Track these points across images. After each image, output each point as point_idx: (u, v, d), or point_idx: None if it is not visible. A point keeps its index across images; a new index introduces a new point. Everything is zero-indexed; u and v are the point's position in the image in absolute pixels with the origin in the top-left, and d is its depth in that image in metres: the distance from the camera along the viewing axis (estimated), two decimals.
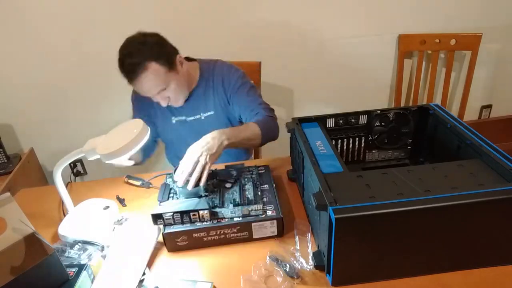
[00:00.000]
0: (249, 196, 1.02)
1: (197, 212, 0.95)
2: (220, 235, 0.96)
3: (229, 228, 0.95)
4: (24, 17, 1.70)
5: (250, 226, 0.96)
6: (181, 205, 0.97)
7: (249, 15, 1.85)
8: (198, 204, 0.97)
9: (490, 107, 2.39)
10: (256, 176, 1.11)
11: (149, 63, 1.12)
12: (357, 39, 2.01)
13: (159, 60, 1.14)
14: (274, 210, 0.98)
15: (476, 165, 0.87)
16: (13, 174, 1.76)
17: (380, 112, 1.15)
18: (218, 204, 0.99)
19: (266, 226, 0.96)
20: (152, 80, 1.14)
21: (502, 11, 2.05)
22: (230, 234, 0.96)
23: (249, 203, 0.99)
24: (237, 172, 1.12)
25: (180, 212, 0.95)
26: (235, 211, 0.97)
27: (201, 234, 0.95)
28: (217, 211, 0.97)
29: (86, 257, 0.96)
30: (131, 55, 1.12)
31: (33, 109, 1.92)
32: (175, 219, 0.95)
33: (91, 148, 0.97)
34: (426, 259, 0.83)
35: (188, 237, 0.95)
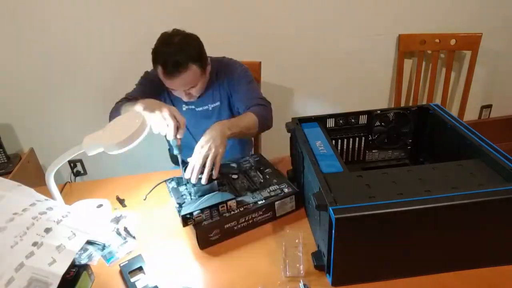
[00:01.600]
0: (261, 181, 1.10)
1: (225, 204, 0.99)
2: (248, 220, 1.01)
3: (256, 212, 1.01)
4: (24, 17, 1.70)
5: (273, 206, 1.03)
6: (207, 201, 1.00)
7: (249, 15, 1.85)
8: (223, 196, 1.01)
9: (490, 107, 2.39)
10: (255, 163, 1.20)
11: (191, 65, 1.19)
12: (357, 39, 2.01)
13: (198, 63, 1.21)
14: (289, 187, 1.06)
15: (476, 165, 0.87)
16: (13, 174, 1.76)
17: (380, 112, 1.15)
18: (236, 194, 1.04)
19: (286, 202, 1.05)
20: (188, 80, 1.22)
21: (502, 11, 2.05)
22: (257, 217, 1.02)
23: (264, 187, 1.07)
24: (236, 164, 1.19)
25: (209, 207, 0.98)
26: (255, 196, 1.04)
27: (232, 223, 0.99)
28: (240, 200, 1.02)
29: (86, 257, 0.96)
30: (176, 53, 1.16)
31: (33, 109, 1.92)
32: (205, 216, 0.98)
33: (92, 143, 0.98)
34: (426, 259, 0.83)
35: (220, 230, 0.98)
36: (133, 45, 1.82)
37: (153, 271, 0.91)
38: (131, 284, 0.87)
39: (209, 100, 1.40)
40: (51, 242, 0.80)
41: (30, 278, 0.73)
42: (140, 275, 0.89)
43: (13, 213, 0.82)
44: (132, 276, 0.89)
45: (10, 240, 0.76)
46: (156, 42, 1.21)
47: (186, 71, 1.18)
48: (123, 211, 1.13)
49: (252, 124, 1.21)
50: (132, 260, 0.93)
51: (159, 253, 0.97)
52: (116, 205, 1.17)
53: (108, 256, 0.97)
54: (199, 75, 1.24)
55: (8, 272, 0.71)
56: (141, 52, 1.80)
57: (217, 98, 1.40)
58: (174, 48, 1.17)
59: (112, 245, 0.99)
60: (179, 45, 1.18)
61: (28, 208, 0.85)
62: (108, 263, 0.95)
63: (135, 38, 1.80)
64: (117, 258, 0.96)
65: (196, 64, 1.21)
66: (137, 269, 0.91)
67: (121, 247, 0.99)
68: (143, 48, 1.91)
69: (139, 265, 0.91)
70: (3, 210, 0.82)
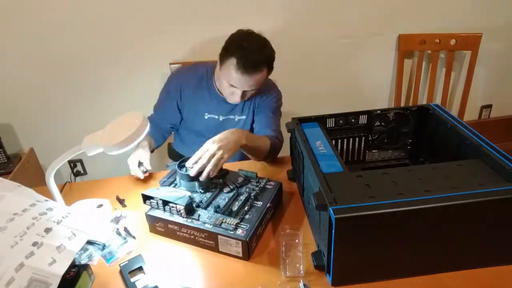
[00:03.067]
0: (233, 208, 0.98)
1: (175, 205, 0.97)
2: (190, 235, 0.97)
3: (198, 232, 0.95)
4: (24, 17, 1.69)
5: (216, 238, 0.93)
6: (170, 194, 1.01)
7: (249, 15, 1.85)
8: (180, 198, 0.99)
9: (490, 107, 2.39)
10: (258, 189, 1.05)
11: (265, 68, 1.22)
12: (357, 39, 2.01)
13: (268, 68, 1.24)
14: (245, 231, 0.91)
15: (476, 165, 0.87)
16: (13, 174, 1.76)
17: (380, 112, 1.15)
18: (203, 205, 1.00)
19: (231, 243, 0.91)
20: (258, 81, 1.23)
21: (502, 11, 2.05)
22: (199, 238, 0.96)
23: (229, 214, 0.96)
24: (244, 179, 1.09)
25: (164, 200, 0.99)
26: (211, 217, 0.96)
27: (174, 227, 0.98)
28: (196, 211, 0.99)
29: (86, 257, 0.96)
30: (257, 52, 1.18)
31: (33, 109, 1.92)
32: (159, 205, 1.00)
33: (92, 143, 0.98)
34: (426, 259, 0.83)
35: (164, 225, 0.99)
36: (133, 45, 1.82)
37: (153, 271, 0.91)
38: (131, 284, 0.87)
39: (238, 111, 1.39)
40: (51, 242, 0.80)
41: (30, 278, 0.73)
42: (140, 275, 0.89)
43: (13, 213, 0.82)
44: (132, 276, 0.89)
45: (10, 240, 0.76)
46: (234, 36, 1.22)
47: (260, 72, 1.20)
48: (123, 211, 1.13)
49: (264, 147, 1.22)
50: (132, 260, 0.93)
51: (159, 253, 0.97)
52: (116, 205, 1.17)
53: (108, 256, 0.97)
54: (264, 79, 1.25)
55: (8, 272, 0.71)
56: (141, 52, 1.81)
57: (246, 112, 1.39)
58: (256, 46, 1.18)
59: (112, 245, 0.99)
60: (260, 45, 1.19)
61: (28, 208, 0.85)
62: (108, 263, 0.95)
63: (135, 38, 1.80)
64: (117, 258, 0.96)
65: (267, 68, 1.22)
66: (137, 269, 0.91)
67: (121, 247, 0.99)
68: (143, 48, 1.91)
69: (139, 265, 0.91)
70: (3, 210, 0.82)
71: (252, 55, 1.16)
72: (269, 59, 1.22)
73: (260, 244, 0.97)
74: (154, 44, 1.81)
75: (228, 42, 1.22)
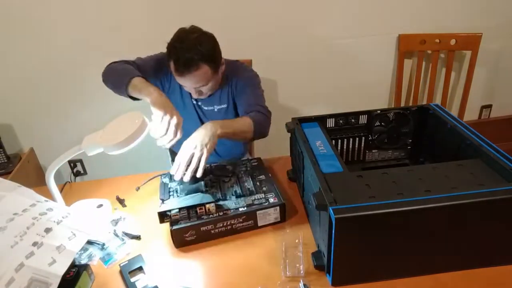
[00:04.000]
0: (249, 187, 1.07)
1: (204, 206, 0.98)
2: (226, 226, 0.99)
3: (235, 218, 0.98)
4: (24, 17, 1.69)
5: (255, 215, 0.99)
6: (186, 201, 1.00)
7: (248, 14, 1.85)
8: (203, 198, 1.00)
9: (490, 107, 2.39)
10: (251, 168, 1.16)
11: (203, 64, 1.18)
12: (357, 39, 2.00)
13: (211, 63, 1.20)
14: (275, 197, 1.02)
15: (476, 165, 0.87)
16: (13, 174, 1.76)
17: (380, 112, 1.15)
18: (221, 198, 1.03)
19: (270, 213, 1.01)
20: (199, 78, 1.21)
21: (502, 11, 2.05)
22: (237, 224, 0.99)
23: (251, 194, 1.04)
24: (232, 166, 1.16)
25: (187, 207, 0.97)
26: (238, 202, 1.01)
27: (209, 227, 0.98)
28: (222, 204, 1.01)
29: (86, 257, 0.96)
30: (189, 50, 1.15)
31: (33, 109, 1.92)
32: (181, 215, 0.97)
33: (92, 143, 0.98)
34: (426, 259, 0.83)
35: (196, 232, 0.97)
36: (133, 45, 1.82)
37: (153, 271, 0.91)
38: (131, 284, 0.87)
39: (216, 101, 1.39)
40: (51, 242, 0.80)
41: (30, 278, 0.73)
42: (140, 275, 0.89)
43: (13, 213, 0.82)
44: (132, 276, 0.89)
45: (10, 240, 0.76)
46: (172, 37, 1.20)
47: (197, 70, 1.17)
48: (123, 212, 1.13)
49: (246, 128, 1.20)
50: (132, 260, 0.93)
51: (159, 253, 0.97)
52: (116, 205, 1.17)
53: (107, 258, 0.97)
54: (210, 75, 1.22)
55: (8, 273, 0.71)
56: (142, 52, 1.80)
57: (225, 101, 1.39)
58: (187, 45, 1.16)
59: (110, 247, 0.99)
60: (193, 43, 1.17)
61: (28, 208, 0.85)
62: (106, 265, 0.95)
63: (135, 38, 1.80)
64: (115, 260, 0.96)
65: (208, 64, 1.19)
66: (137, 269, 0.91)
67: (119, 249, 0.99)
68: (143, 48, 1.91)
69: (139, 265, 0.91)
70: (3, 210, 0.82)
71: (184, 55, 1.15)
72: (206, 55, 1.17)
73: None
74: (154, 44, 1.81)
75: (167, 45, 1.20)
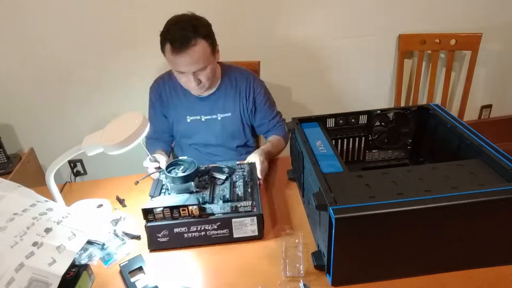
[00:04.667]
0: (239, 193, 1.02)
1: (187, 208, 0.94)
2: (200, 231, 0.94)
3: (210, 224, 0.93)
4: (24, 17, 1.69)
5: (230, 223, 0.94)
6: (172, 200, 0.97)
7: (248, 14, 1.85)
8: (188, 199, 0.96)
9: (490, 107, 2.39)
10: (248, 173, 1.12)
11: (200, 40, 1.17)
12: (357, 39, 2.00)
13: (208, 40, 1.19)
14: (254, 207, 0.96)
15: (476, 165, 0.87)
16: (13, 174, 1.76)
17: (380, 112, 1.15)
18: (208, 200, 1.00)
19: (247, 223, 0.94)
20: (199, 55, 1.18)
21: (502, 11, 2.05)
22: (211, 231, 0.94)
23: (238, 200, 0.99)
24: (229, 169, 1.12)
25: (170, 207, 0.94)
26: (224, 207, 0.97)
27: (182, 229, 0.94)
28: (206, 207, 0.97)
29: (86, 257, 0.96)
30: (185, 28, 1.16)
31: (33, 109, 1.92)
32: (165, 215, 0.94)
33: (92, 143, 0.98)
34: (426, 259, 0.83)
35: (169, 232, 0.94)
36: (133, 46, 1.82)
37: (153, 271, 0.91)
38: (131, 284, 0.87)
39: (218, 109, 1.36)
40: (51, 242, 0.80)
41: (30, 278, 0.73)
42: (140, 275, 0.89)
43: (13, 213, 0.82)
44: (132, 276, 0.89)
45: (10, 240, 0.76)
46: (165, 25, 1.20)
47: (195, 45, 1.15)
48: (123, 212, 1.13)
49: (282, 148, 1.33)
50: (132, 260, 0.93)
51: (159, 253, 0.97)
52: (116, 205, 1.17)
53: (107, 258, 0.97)
54: (208, 54, 1.20)
55: (8, 272, 0.71)
56: (141, 52, 1.81)
57: (230, 109, 1.36)
58: (182, 25, 1.16)
59: (110, 247, 0.99)
60: (187, 22, 1.17)
61: (28, 208, 0.85)
62: (106, 265, 0.95)
63: (135, 38, 1.80)
64: (115, 260, 0.96)
65: (207, 41, 1.18)
66: (137, 269, 0.91)
67: (119, 249, 0.99)
68: (144, 47, 1.91)
69: (139, 265, 0.91)
70: (3, 210, 0.82)
71: (180, 32, 1.15)
72: (200, 31, 1.17)
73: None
74: (155, 44, 1.81)
75: (161, 32, 1.20)
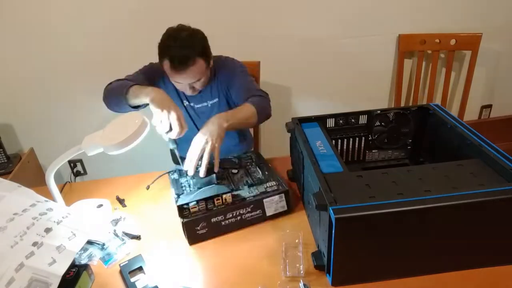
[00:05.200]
0: (259, 176, 1.10)
1: (221, 197, 0.99)
2: (236, 217, 0.99)
3: (244, 208, 1.00)
4: (24, 17, 1.69)
5: (262, 203, 1.01)
6: (203, 193, 1.01)
7: (248, 14, 1.85)
8: (219, 189, 1.01)
9: (490, 107, 2.39)
10: (256, 159, 1.20)
11: (198, 59, 1.21)
12: (357, 39, 2.00)
13: (205, 57, 1.24)
14: (278, 185, 1.05)
15: (476, 165, 0.87)
16: (13, 174, 1.76)
17: (380, 112, 1.15)
18: (234, 188, 1.05)
19: (276, 201, 1.02)
20: (195, 73, 1.23)
21: (502, 11, 2.05)
22: (246, 214, 1.00)
23: (261, 182, 1.06)
24: (238, 159, 1.19)
25: (204, 199, 0.98)
26: (251, 190, 1.04)
27: (219, 217, 0.98)
28: (237, 194, 1.02)
29: (86, 257, 0.96)
30: (184, 47, 1.18)
31: (33, 109, 1.92)
32: (200, 207, 0.98)
33: (92, 143, 0.98)
34: (426, 259, 0.83)
35: (207, 223, 0.98)
36: (133, 46, 1.82)
37: (153, 271, 0.91)
38: (131, 284, 0.87)
39: (207, 97, 1.41)
40: (51, 242, 0.80)
41: (30, 278, 0.73)
42: (140, 275, 0.89)
43: (13, 213, 0.82)
44: (132, 276, 0.89)
45: (10, 240, 0.76)
46: (162, 37, 1.22)
47: (194, 65, 1.20)
48: (123, 212, 1.13)
49: (250, 114, 1.22)
50: (132, 260, 0.93)
51: (159, 253, 0.97)
52: (116, 205, 1.17)
53: (107, 258, 0.96)
54: (204, 69, 1.25)
55: (8, 272, 0.71)
56: (141, 52, 1.80)
57: (215, 95, 1.41)
58: (181, 42, 1.18)
59: (110, 247, 0.99)
60: (186, 40, 1.19)
61: (28, 208, 0.85)
62: (106, 265, 0.95)
63: (136, 38, 1.80)
64: (115, 260, 0.96)
65: (203, 58, 1.22)
66: (137, 269, 0.91)
67: (119, 249, 0.99)
68: (143, 48, 1.91)
69: (139, 265, 0.91)
70: (3, 210, 0.82)
71: (179, 52, 1.17)
72: (200, 50, 1.22)
73: None
74: (155, 44, 1.81)
75: (159, 45, 1.22)
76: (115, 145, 0.96)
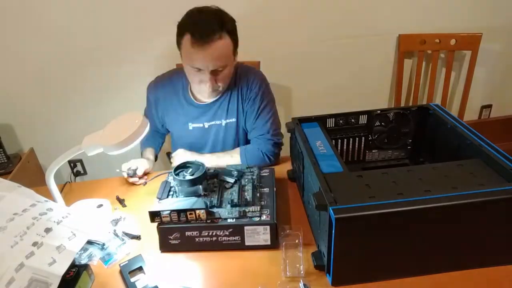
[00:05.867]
0: (247, 197, 0.98)
1: (194, 212, 0.92)
2: (212, 236, 0.93)
3: (221, 230, 0.92)
4: (24, 17, 1.69)
5: (242, 230, 0.92)
6: (179, 203, 0.95)
7: (248, 14, 1.85)
8: (195, 203, 0.95)
9: (490, 107, 2.39)
10: (257, 177, 1.08)
11: (225, 35, 1.08)
12: (357, 39, 2.00)
13: (232, 37, 1.11)
14: (269, 215, 0.93)
15: (476, 165, 0.87)
16: (13, 174, 1.76)
17: (380, 112, 1.15)
18: (216, 204, 0.97)
19: (259, 232, 0.92)
20: (221, 52, 1.09)
21: (502, 11, 2.05)
22: (222, 237, 0.92)
23: (247, 204, 0.96)
24: (238, 172, 1.09)
25: (177, 210, 0.93)
26: (232, 211, 0.94)
27: (194, 233, 0.93)
28: (214, 211, 0.95)
29: (86, 257, 0.96)
30: (210, 19, 1.06)
31: (33, 109, 1.92)
32: (172, 218, 0.93)
33: (92, 143, 0.98)
34: (426, 259, 0.83)
35: (180, 235, 0.93)
36: (134, 46, 1.82)
37: (153, 271, 0.91)
38: (131, 284, 0.87)
39: (222, 114, 1.28)
40: (51, 242, 0.80)
41: (30, 278, 0.73)
42: (140, 275, 0.89)
43: (13, 213, 0.82)
44: (132, 276, 0.89)
45: (10, 240, 0.76)
46: (186, 14, 1.10)
47: (220, 40, 1.05)
48: (123, 212, 1.13)
49: None
50: (132, 260, 0.93)
51: (159, 253, 0.97)
52: (116, 205, 1.17)
53: (107, 258, 0.96)
54: (231, 52, 1.11)
55: (8, 272, 0.71)
56: (143, 51, 1.81)
57: (233, 113, 1.27)
58: (207, 15, 1.06)
59: (110, 247, 0.99)
60: (214, 13, 1.08)
61: (28, 208, 0.85)
62: (106, 265, 0.95)
63: (136, 38, 1.80)
64: (115, 260, 0.96)
65: (231, 37, 1.09)
66: (137, 269, 0.91)
67: (119, 249, 0.99)
68: (145, 48, 1.91)
69: (139, 265, 0.91)
70: (3, 210, 0.82)
71: (205, 23, 1.05)
72: (226, 25, 1.08)
73: None
74: (156, 44, 1.81)
75: (180, 21, 1.11)
76: (115, 145, 0.96)
